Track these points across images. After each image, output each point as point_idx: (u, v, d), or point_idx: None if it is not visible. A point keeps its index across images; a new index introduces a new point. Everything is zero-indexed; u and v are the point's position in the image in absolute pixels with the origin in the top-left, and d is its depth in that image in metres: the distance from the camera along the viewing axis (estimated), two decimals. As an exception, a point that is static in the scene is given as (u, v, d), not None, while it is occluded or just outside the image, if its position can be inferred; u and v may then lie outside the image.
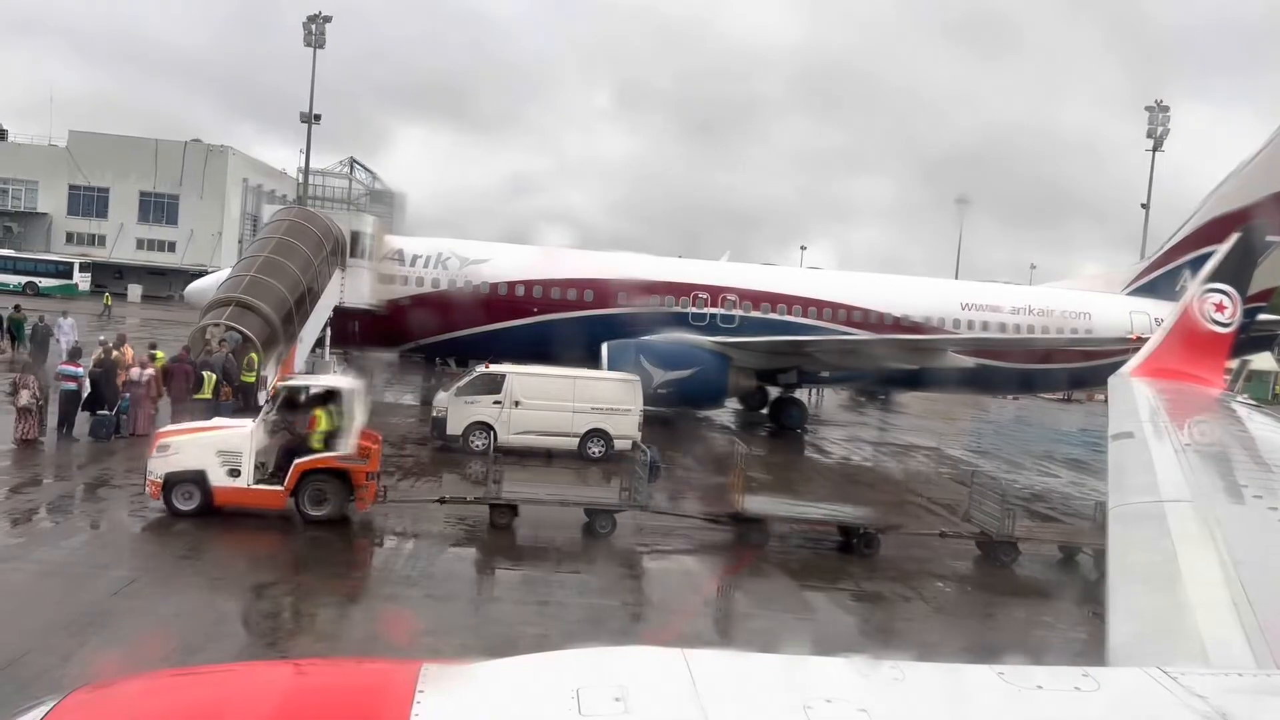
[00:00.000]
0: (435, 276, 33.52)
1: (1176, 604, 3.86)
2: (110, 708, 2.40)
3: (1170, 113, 62.28)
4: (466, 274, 33.49)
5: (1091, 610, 14.53)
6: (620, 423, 24.30)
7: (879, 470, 28.45)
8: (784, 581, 15.33)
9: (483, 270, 33.62)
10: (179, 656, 10.08)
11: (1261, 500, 5.53)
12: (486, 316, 33.04)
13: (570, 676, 2.43)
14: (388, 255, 33.61)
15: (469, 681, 2.48)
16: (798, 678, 2.54)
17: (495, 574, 15.04)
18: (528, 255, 35.14)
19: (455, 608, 13.01)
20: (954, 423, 44.03)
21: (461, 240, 35.18)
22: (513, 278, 33.69)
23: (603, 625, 12.36)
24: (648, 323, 32.68)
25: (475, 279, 33.47)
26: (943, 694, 2.47)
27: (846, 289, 35.86)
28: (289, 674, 2.61)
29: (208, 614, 11.83)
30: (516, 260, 34.51)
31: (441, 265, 33.64)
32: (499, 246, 35.38)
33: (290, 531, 15.63)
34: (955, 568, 17.16)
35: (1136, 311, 34.67)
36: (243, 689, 2.51)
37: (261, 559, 14.42)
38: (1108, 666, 3.19)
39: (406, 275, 33.49)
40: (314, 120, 62.81)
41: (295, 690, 2.49)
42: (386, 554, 15.40)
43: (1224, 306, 10.75)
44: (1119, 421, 8.04)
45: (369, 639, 11.52)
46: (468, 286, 33.37)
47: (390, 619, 12.54)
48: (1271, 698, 2.67)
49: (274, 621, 12.15)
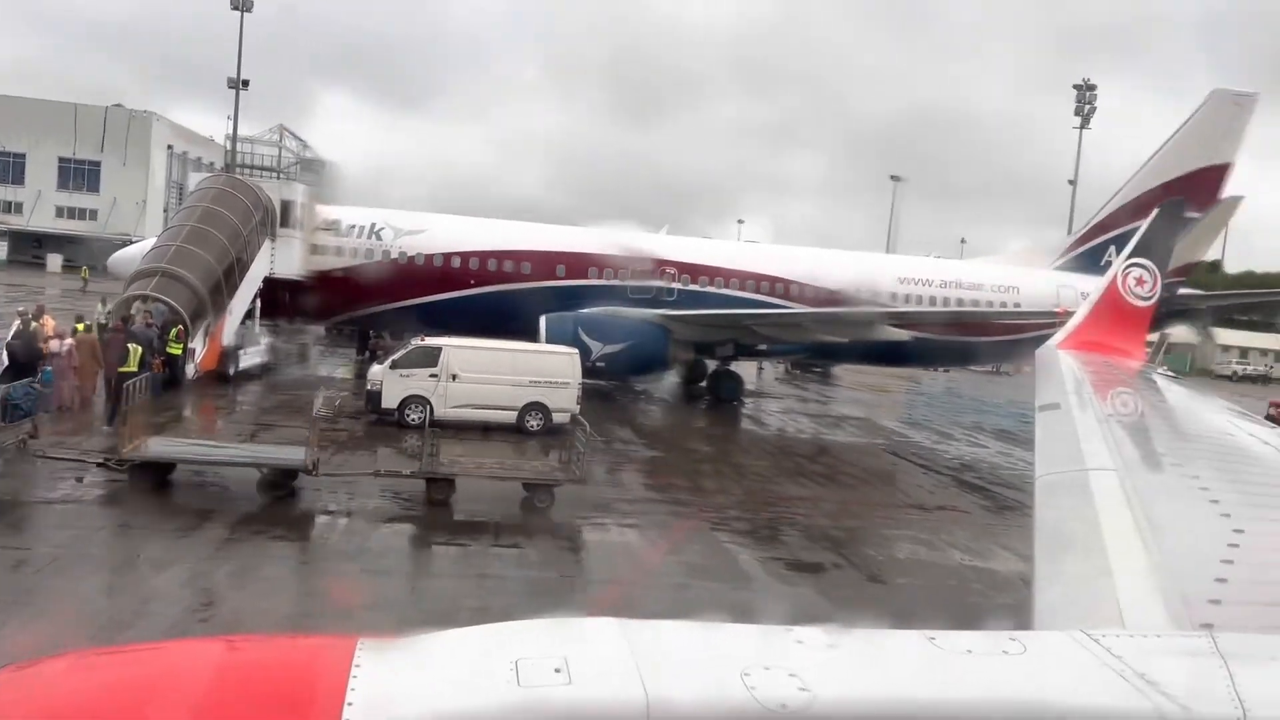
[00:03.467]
0: (369, 247, 32.98)
1: (1099, 569, 3.99)
2: (34, 689, 2.33)
3: (1097, 91, 63.73)
4: (401, 245, 33.01)
5: (1020, 577, 15.01)
6: (559, 396, 24.25)
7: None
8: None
9: (418, 241, 33.16)
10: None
11: (1179, 468, 5.72)
12: (422, 288, 32.64)
13: (509, 648, 2.43)
14: (320, 225, 32.95)
15: (407, 655, 2.46)
16: (735, 646, 2.57)
17: (431, 548, 14.92)
18: (464, 226, 34.76)
19: (391, 582, 12.91)
20: (887, 394, 44.86)
21: (396, 211, 34.62)
22: (449, 249, 33.29)
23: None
24: (586, 295, 32.62)
25: (410, 250, 33.01)
26: (876, 659, 2.53)
27: (784, 263, 36.16)
28: (221, 651, 2.56)
29: (132, 591, 11.59)
30: (452, 231, 34.09)
31: (375, 236, 33.10)
32: (434, 217, 34.91)
33: (230, 504, 15.39)
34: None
35: (1063, 286, 35.52)
36: (173, 667, 2.46)
37: (195, 538, 14.08)
38: (1034, 630, 3.29)
39: (339, 246, 32.89)
40: (242, 86, 61.15)
41: (227, 668, 2.44)
42: (321, 528, 15.19)
43: (1145, 281, 11.07)
44: (1045, 393, 8.25)
45: (303, 615, 11.37)
46: (402, 258, 32.90)
47: (325, 594, 12.41)
48: (1185, 657, 2.78)
49: (209, 600, 11.90)
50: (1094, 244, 38.29)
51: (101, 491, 15.82)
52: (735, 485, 20.74)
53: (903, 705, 2.38)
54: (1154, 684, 2.52)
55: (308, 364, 38.18)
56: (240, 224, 30.18)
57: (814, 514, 18.62)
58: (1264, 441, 7.04)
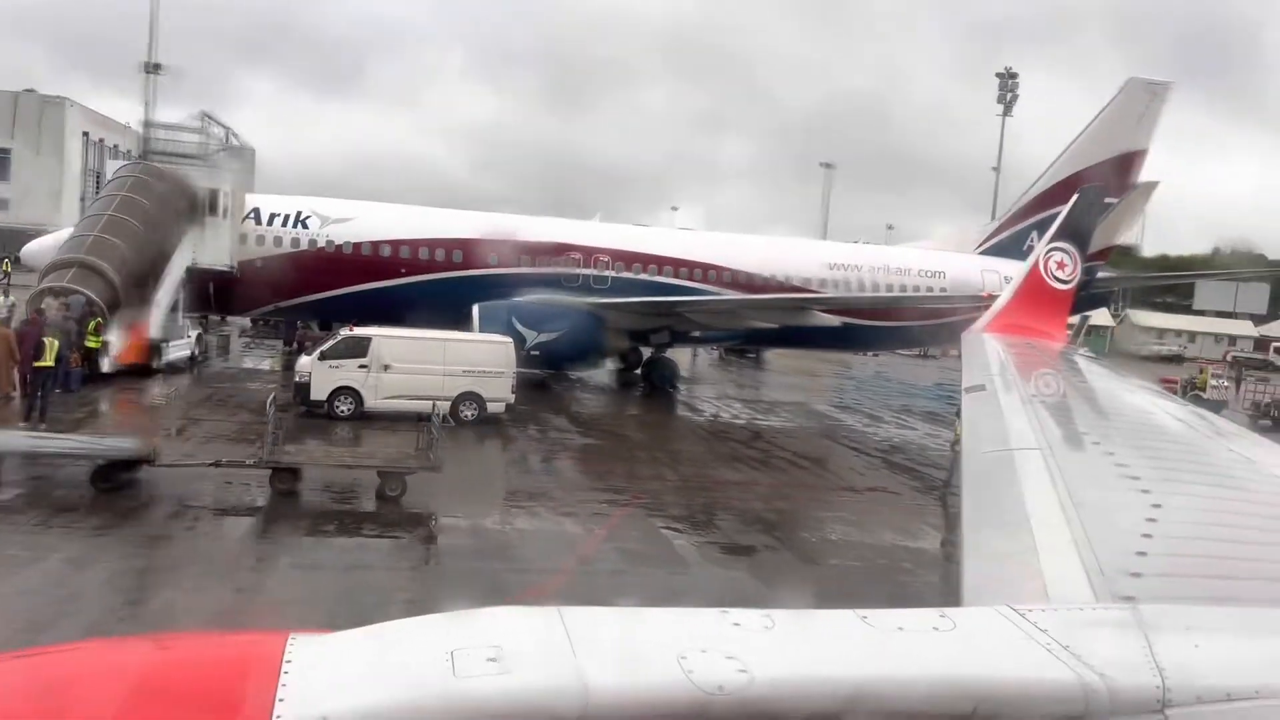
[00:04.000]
0: (295, 236, 32.24)
1: (1024, 546, 4.10)
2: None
3: (1019, 80, 65.15)
4: (328, 233, 32.35)
5: (945, 553, 15.36)
6: (493, 385, 24.09)
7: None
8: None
9: (346, 230, 32.54)
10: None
11: (1100, 446, 5.90)
12: (350, 278, 32.04)
13: (443, 639, 2.40)
14: (244, 214, 32.15)
15: (339, 650, 2.42)
16: (672, 630, 2.58)
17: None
18: (394, 214, 34.20)
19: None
20: (818, 379, 45.45)
21: (323, 198, 33.90)
22: (378, 237, 32.74)
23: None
24: (520, 284, 32.39)
25: (338, 239, 32.38)
26: (810, 639, 2.56)
27: (717, 249, 36.33)
28: (146, 651, 2.49)
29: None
30: (382, 219, 33.51)
31: (301, 224, 32.38)
32: (363, 205, 34.25)
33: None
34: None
35: (988, 270, 36.31)
36: (96, 668, 2.38)
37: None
38: (962, 607, 3.36)
39: (264, 235, 32.10)
40: (156, 71, 59.29)
41: (154, 667, 2.38)
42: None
43: (1065, 264, 11.37)
44: (972, 375, 8.44)
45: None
46: (330, 246, 32.26)
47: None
48: (1107, 629, 2.87)
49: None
50: (1017, 229, 39.20)
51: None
52: (671, 471, 20.84)
53: (837, 683, 2.42)
54: (1078, 656, 2.60)
55: (233, 357, 37.36)
56: (161, 213, 29.32)
57: (749, 498, 18.81)
58: (1179, 419, 7.30)
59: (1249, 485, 5.36)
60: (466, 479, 17.77)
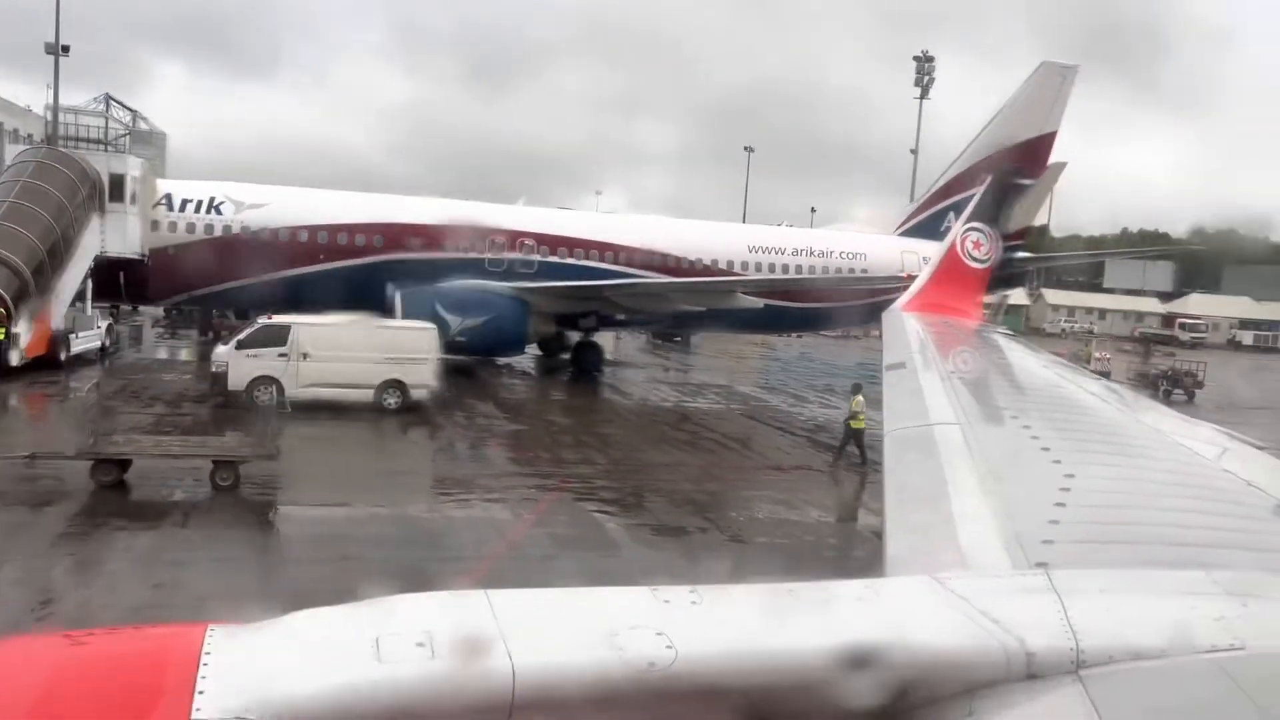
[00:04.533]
0: (208, 222, 31.31)
1: (944, 517, 4.20)
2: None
3: (935, 63, 66.29)
4: (243, 219, 31.48)
5: (872, 530, 15.68)
6: (416, 372, 23.78)
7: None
8: None
9: (261, 215, 31.70)
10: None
11: (1016, 420, 6.07)
12: (267, 264, 31.14)
13: (368, 626, 2.37)
14: (154, 200, 31.11)
15: (260, 640, 2.37)
16: (601, 609, 2.59)
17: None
18: (311, 199, 33.41)
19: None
20: (744, 361, 45.89)
21: (237, 184, 32.95)
22: (295, 223, 31.97)
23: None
24: (443, 269, 31.97)
25: (253, 224, 31.53)
26: (737, 613, 2.59)
27: (642, 233, 36.36)
28: (59, 647, 2.40)
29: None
30: (299, 204, 32.71)
31: (215, 210, 31.45)
32: (278, 189, 33.39)
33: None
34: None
35: (907, 251, 36.98)
36: (7, 666, 2.29)
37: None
38: (886, 577, 3.44)
39: (176, 221, 31.11)
40: (61, 52, 56.90)
41: (68, 664, 2.29)
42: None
43: (981, 244, 11.65)
44: (892, 353, 8.61)
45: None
46: (245, 233, 31.40)
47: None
48: (1023, 594, 2.96)
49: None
50: (934, 210, 39.98)
51: None
52: (599, 455, 20.86)
53: (765, 655, 2.45)
54: (997, 621, 2.68)
55: (146, 347, 36.24)
56: (65, 199, 28.22)
57: (678, 479, 18.93)
58: (1091, 393, 7.55)
59: (1156, 454, 5.57)
60: (382, 468, 17.59)
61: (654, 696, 2.35)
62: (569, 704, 2.31)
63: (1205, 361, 41.58)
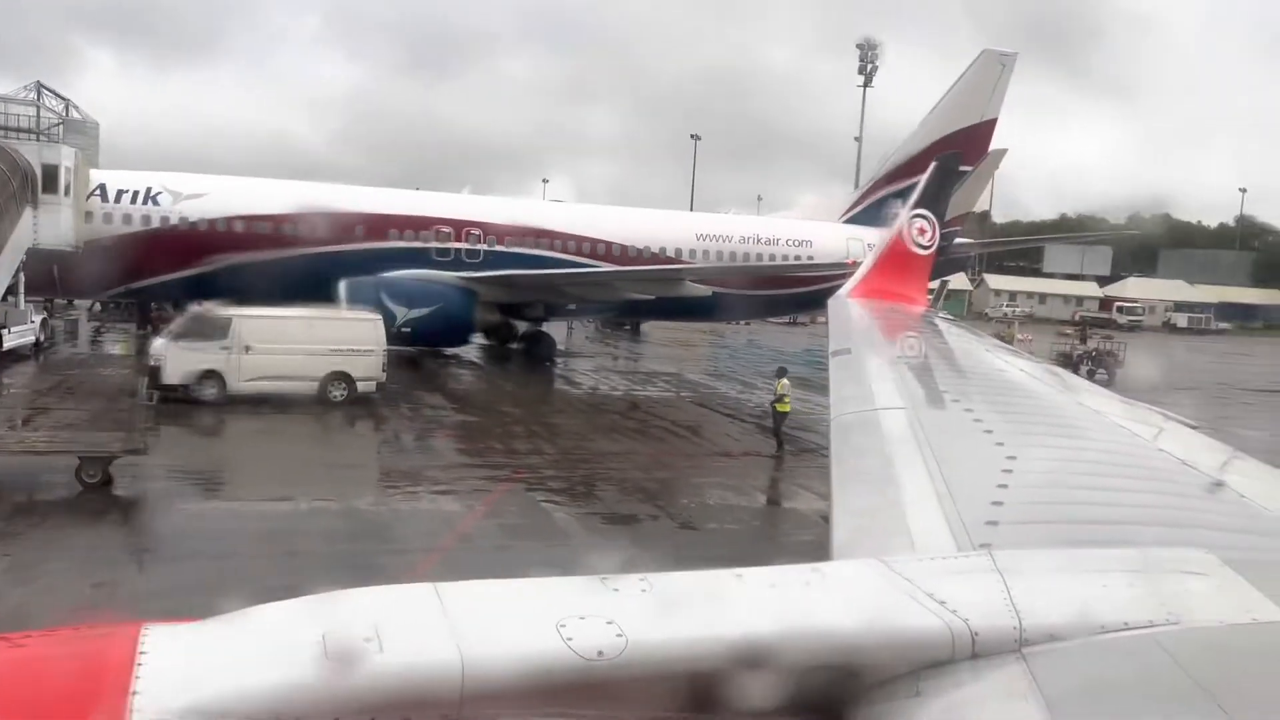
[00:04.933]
0: (145, 213, 30.56)
1: (891, 501, 4.25)
2: None
3: (880, 50, 66.96)
4: (181, 210, 30.77)
5: (820, 514, 15.85)
6: (362, 364, 23.50)
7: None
8: None
9: (200, 206, 30.99)
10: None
11: (959, 404, 6.17)
12: (208, 256, 30.47)
13: (313, 622, 2.33)
14: (89, 191, 30.26)
15: (199, 638, 2.32)
16: (550, 599, 2.57)
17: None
18: (252, 189, 32.75)
19: None
20: (693, 349, 46.08)
21: (175, 173, 32.17)
22: (235, 213, 31.31)
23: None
24: (389, 259, 31.58)
25: (192, 215, 30.83)
26: (687, 600, 2.59)
27: (589, 222, 36.25)
28: (-11, 653, 2.32)
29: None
30: (239, 194, 32.04)
31: (152, 201, 30.70)
32: (218, 179, 32.68)
33: None
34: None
35: (852, 238, 37.37)
36: None
37: None
38: (833, 561, 3.47)
39: (111, 213, 30.31)
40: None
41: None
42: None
43: (925, 231, 11.82)
44: (838, 339, 8.70)
45: None
46: (184, 224, 30.69)
47: None
48: (968, 576, 3.00)
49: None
50: (878, 197, 40.41)
51: None
52: (550, 445, 20.82)
53: (714, 641, 2.46)
54: (942, 603, 2.72)
55: (82, 342, 35.36)
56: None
57: (628, 468, 18.97)
58: (1033, 376, 7.70)
59: (1095, 435, 5.69)
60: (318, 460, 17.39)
61: (604, 685, 2.35)
62: (519, 695, 2.30)
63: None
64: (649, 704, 2.43)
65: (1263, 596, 2.87)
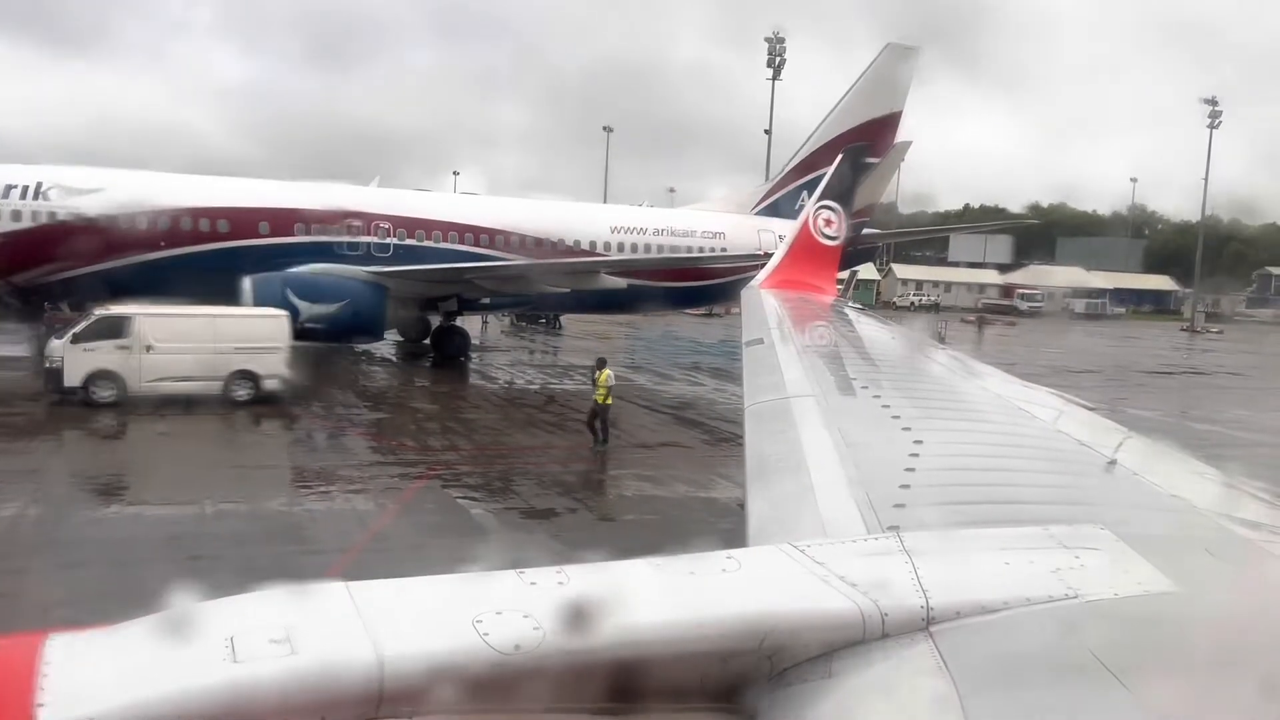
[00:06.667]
0: (34, 209, 29.21)
1: (803, 487, 4.33)
2: None
3: (786, 44, 67.69)
4: (75, 205, 29.49)
5: (737, 502, 16.04)
6: (267, 361, 22.92)
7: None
8: None
9: (95, 201, 29.75)
10: None
11: (868, 390, 6.32)
12: (103, 253, 29.22)
13: (221, 625, 2.27)
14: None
15: (105, 646, 2.24)
16: (465, 594, 2.56)
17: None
18: (150, 183, 31.53)
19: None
20: (610, 341, 46.11)
21: (67, 167, 30.83)
22: (133, 208, 30.14)
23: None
24: (295, 254, 30.81)
25: (87, 211, 29.57)
26: (604, 591, 2.60)
27: (502, 214, 35.93)
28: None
29: None
30: (136, 189, 30.78)
31: (42, 196, 29.37)
32: (113, 174, 31.39)
33: None
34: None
35: (764, 230, 37.82)
36: None
37: None
38: (748, 547, 3.52)
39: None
40: None
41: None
42: None
43: (833, 222, 12.05)
44: (750, 330, 8.82)
45: None
46: (77, 219, 29.40)
47: None
48: (877, 558, 3.08)
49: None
50: (788, 189, 40.98)
51: None
52: (465, 441, 20.63)
53: (633, 629, 2.48)
54: (853, 584, 2.79)
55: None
56: None
57: (545, 461, 18.91)
58: (938, 362, 7.93)
59: (998, 419, 5.89)
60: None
61: (522, 678, 2.35)
62: (437, 691, 2.28)
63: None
64: (568, 696, 2.44)
65: (1153, 569, 3.01)
